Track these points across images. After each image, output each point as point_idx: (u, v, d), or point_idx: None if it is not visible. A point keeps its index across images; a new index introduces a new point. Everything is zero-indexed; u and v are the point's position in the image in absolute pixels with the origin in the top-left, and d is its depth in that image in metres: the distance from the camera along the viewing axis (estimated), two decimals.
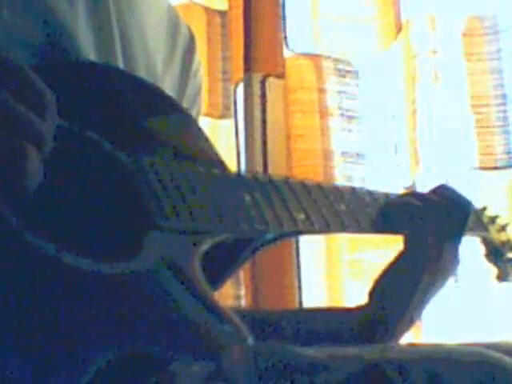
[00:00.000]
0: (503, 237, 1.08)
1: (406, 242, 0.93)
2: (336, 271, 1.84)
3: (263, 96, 1.85)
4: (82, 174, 0.69)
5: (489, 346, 0.88)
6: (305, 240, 1.80)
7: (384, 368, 0.65)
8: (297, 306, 1.79)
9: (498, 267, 1.08)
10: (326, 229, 0.85)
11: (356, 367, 0.66)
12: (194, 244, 0.70)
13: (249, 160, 1.82)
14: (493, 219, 1.09)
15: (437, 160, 1.80)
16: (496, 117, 1.79)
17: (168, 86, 0.93)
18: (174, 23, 1.01)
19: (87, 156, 0.70)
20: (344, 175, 1.86)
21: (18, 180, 0.56)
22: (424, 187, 1.82)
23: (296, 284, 1.80)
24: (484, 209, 1.09)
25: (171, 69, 0.97)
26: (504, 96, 1.79)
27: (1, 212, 0.58)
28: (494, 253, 1.08)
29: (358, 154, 1.89)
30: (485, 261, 1.09)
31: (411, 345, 0.91)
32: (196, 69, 1.03)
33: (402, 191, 1.79)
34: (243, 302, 1.81)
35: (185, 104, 0.97)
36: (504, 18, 1.80)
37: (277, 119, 1.86)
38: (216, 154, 0.83)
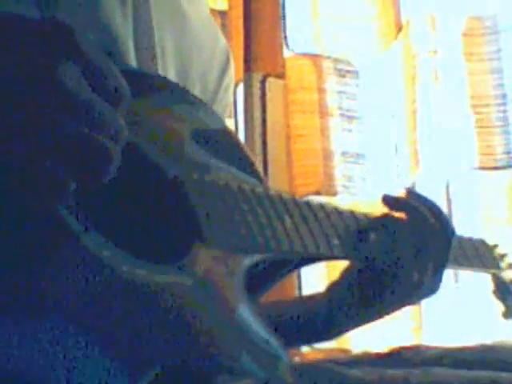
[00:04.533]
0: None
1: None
2: (336, 271, 1.84)
3: (263, 96, 1.85)
4: (131, 183, 0.67)
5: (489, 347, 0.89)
6: None
7: None
8: None
9: (505, 304, 1.08)
10: (357, 256, 0.88)
11: None
12: (237, 262, 0.70)
13: None
14: (502, 256, 1.09)
15: (437, 160, 1.80)
16: (496, 117, 1.79)
17: (198, 94, 0.92)
18: (214, 34, 1.00)
19: (138, 166, 0.69)
20: (344, 175, 1.86)
21: (101, 177, 0.54)
22: (424, 187, 1.82)
23: (296, 284, 1.80)
24: (495, 246, 1.10)
25: (206, 78, 0.96)
26: (504, 96, 1.79)
27: (60, 214, 0.57)
28: (503, 290, 1.08)
29: (357, 154, 1.89)
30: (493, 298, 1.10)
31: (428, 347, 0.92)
32: (228, 84, 1.02)
33: (401, 191, 1.79)
34: None
35: None
36: (504, 18, 1.80)
37: (277, 119, 1.86)
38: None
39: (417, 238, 0.90)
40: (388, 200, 0.95)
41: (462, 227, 1.14)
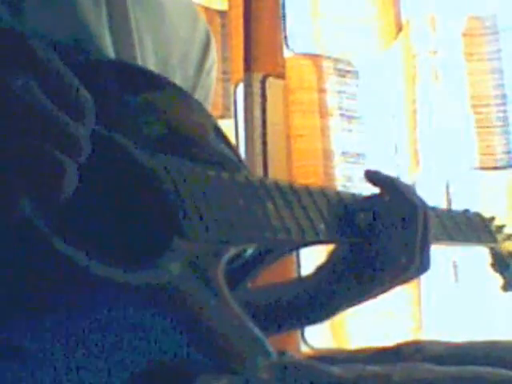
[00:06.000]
0: (509, 247, 1.08)
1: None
2: None
3: (263, 96, 1.85)
4: (106, 178, 0.66)
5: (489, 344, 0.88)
6: None
7: None
8: None
9: (504, 277, 1.08)
10: (344, 239, 0.86)
11: None
12: (219, 252, 0.69)
13: (249, 160, 1.82)
14: (500, 229, 1.08)
15: (437, 160, 1.81)
16: (496, 117, 1.79)
17: (179, 81, 0.92)
18: (193, 18, 1.00)
19: (112, 160, 0.67)
20: (344, 175, 1.86)
21: (53, 194, 0.52)
22: (424, 187, 1.82)
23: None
24: (492, 218, 1.09)
25: (186, 63, 0.96)
26: (504, 96, 1.79)
27: (30, 218, 0.56)
28: (500, 263, 1.07)
29: (358, 154, 1.89)
30: (491, 270, 1.09)
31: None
32: (209, 68, 1.01)
33: None
34: None
35: None
36: (504, 18, 1.81)
37: (277, 119, 1.86)
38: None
39: (401, 216, 0.88)
40: (370, 175, 0.93)
41: None
